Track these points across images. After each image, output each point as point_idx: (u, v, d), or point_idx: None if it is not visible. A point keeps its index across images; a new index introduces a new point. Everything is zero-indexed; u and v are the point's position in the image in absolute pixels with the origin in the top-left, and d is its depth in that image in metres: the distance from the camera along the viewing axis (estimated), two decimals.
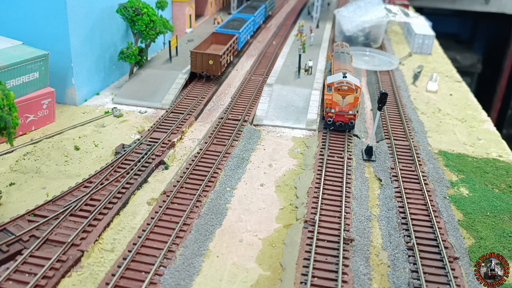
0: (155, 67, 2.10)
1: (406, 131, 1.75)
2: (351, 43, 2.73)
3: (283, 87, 1.97)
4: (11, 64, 1.51)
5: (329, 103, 1.66)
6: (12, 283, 0.95)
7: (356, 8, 2.89)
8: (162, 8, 2.27)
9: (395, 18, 2.87)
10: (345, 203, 1.28)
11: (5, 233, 1.09)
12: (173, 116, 1.77)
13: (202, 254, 1.09)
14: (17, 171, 1.38)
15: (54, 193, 1.27)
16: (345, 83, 1.62)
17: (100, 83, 2.01)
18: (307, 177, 1.42)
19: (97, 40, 1.93)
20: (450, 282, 1.02)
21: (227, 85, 2.17)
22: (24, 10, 1.74)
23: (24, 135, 1.59)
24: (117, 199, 1.26)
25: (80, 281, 1.00)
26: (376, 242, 1.17)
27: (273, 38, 2.91)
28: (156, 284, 0.99)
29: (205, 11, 3.16)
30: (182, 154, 1.55)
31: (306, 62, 2.16)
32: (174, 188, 1.32)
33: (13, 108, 1.13)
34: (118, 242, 1.12)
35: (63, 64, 1.79)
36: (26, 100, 1.58)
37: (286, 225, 1.22)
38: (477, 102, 2.15)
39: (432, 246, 1.13)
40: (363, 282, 1.03)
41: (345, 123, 1.67)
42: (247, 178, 1.43)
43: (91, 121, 1.72)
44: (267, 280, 1.03)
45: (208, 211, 1.24)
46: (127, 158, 1.45)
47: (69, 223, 1.15)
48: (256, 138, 1.66)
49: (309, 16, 3.38)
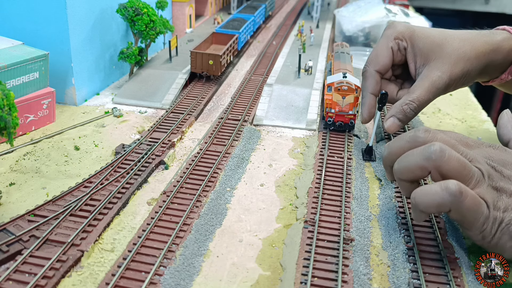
0: (155, 67, 2.10)
1: (406, 131, 1.75)
2: (351, 43, 2.73)
3: (283, 87, 1.98)
4: (11, 64, 1.51)
5: (329, 103, 1.66)
6: (12, 283, 0.95)
7: (356, 8, 2.89)
8: (162, 8, 2.27)
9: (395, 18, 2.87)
10: (345, 203, 1.28)
11: (5, 233, 1.08)
12: (173, 116, 1.77)
13: (202, 254, 1.10)
14: (17, 171, 1.38)
15: (54, 193, 1.27)
16: (345, 83, 1.62)
17: (100, 83, 2.01)
18: (307, 177, 1.42)
19: (97, 40, 1.93)
20: (450, 282, 1.02)
21: (227, 85, 2.17)
22: (24, 10, 1.74)
23: (24, 135, 1.59)
24: (117, 199, 1.26)
25: (80, 281, 1.00)
26: (376, 242, 1.17)
27: (273, 38, 2.91)
28: (156, 284, 0.99)
29: (205, 11, 3.16)
30: (182, 154, 1.55)
31: (306, 62, 2.16)
32: (174, 188, 1.32)
33: (13, 108, 1.13)
34: (118, 242, 1.12)
35: (63, 64, 1.79)
36: (26, 100, 1.58)
37: (286, 225, 1.22)
38: (477, 102, 2.15)
39: (432, 246, 1.13)
40: (363, 282, 1.03)
41: (345, 123, 1.67)
42: (247, 178, 1.43)
43: (91, 121, 1.72)
44: (267, 280, 1.03)
45: (208, 211, 1.24)
46: (127, 158, 1.46)
47: (69, 223, 1.15)
48: (256, 138, 1.66)
49: (309, 16, 3.38)
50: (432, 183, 1.00)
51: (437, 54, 1.37)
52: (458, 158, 0.99)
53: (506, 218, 0.96)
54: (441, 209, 0.97)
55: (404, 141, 1.10)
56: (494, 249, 1.01)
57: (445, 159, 0.98)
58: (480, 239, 1.01)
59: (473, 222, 0.97)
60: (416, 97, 1.40)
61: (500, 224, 0.97)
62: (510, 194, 0.98)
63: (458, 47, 1.37)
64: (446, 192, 0.94)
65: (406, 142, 1.09)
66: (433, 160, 0.99)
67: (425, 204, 0.98)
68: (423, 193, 0.99)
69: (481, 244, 1.03)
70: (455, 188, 0.93)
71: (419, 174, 1.03)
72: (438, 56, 1.37)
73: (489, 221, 0.97)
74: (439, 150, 0.98)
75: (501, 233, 0.97)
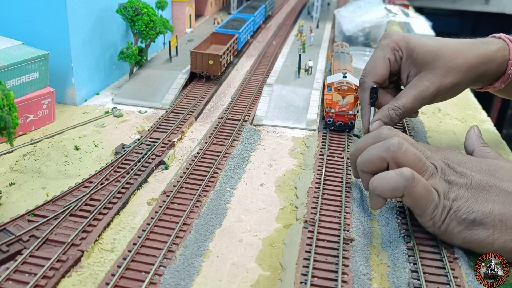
0: (155, 67, 2.10)
1: (406, 131, 1.75)
2: (351, 43, 2.73)
3: (283, 87, 1.98)
4: (11, 64, 1.51)
5: (329, 103, 1.66)
6: (12, 283, 0.95)
7: (356, 8, 2.89)
8: (162, 8, 2.27)
9: (395, 18, 2.87)
10: (345, 203, 1.28)
11: (5, 233, 1.08)
12: (173, 116, 1.77)
13: (202, 254, 1.09)
14: (17, 171, 1.38)
15: (54, 193, 1.27)
16: (345, 83, 1.62)
17: (100, 83, 2.01)
18: (307, 177, 1.42)
19: (97, 40, 1.93)
20: (450, 282, 1.02)
21: (227, 85, 2.17)
22: (24, 10, 1.74)
23: (24, 135, 1.59)
24: (117, 199, 1.26)
25: (80, 281, 1.00)
26: (376, 242, 1.17)
27: (273, 38, 2.91)
28: (156, 284, 0.99)
29: (205, 11, 3.16)
30: (182, 154, 1.55)
31: (306, 62, 2.16)
32: (174, 188, 1.32)
33: (13, 108, 1.13)
34: (118, 242, 1.12)
35: (63, 64, 1.79)
36: (26, 100, 1.58)
37: (286, 225, 1.22)
38: (477, 102, 2.15)
39: (432, 246, 1.13)
40: (363, 282, 1.03)
41: (345, 123, 1.67)
42: (247, 178, 1.43)
43: (91, 121, 1.72)
44: (267, 280, 1.03)
45: (208, 211, 1.24)
46: (127, 158, 1.46)
47: (69, 223, 1.15)
48: (256, 138, 1.66)
49: (309, 16, 3.38)
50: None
51: (429, 65, 1.41)
52: (414, 152, 1.10)
53: (454, 206, 1.07)
54: (395, 193, 1.07)
55: (369, 137, 1.22)
56: (444, 236, 1.10)
57: (402, 151, 1.09)
58: (431, 225, 1.10)
59: (424, 208, 1.07)
60: (402, 104, 1.44)
61: (449, 211, 1.07)
62: (459, 186, 1.09)
63: (451, 59, 1.40)
64: (400, 177, 1.05)
65: (371, 138, 1.21)
66: (391, 151, 1.10)
67: (381, 188, 1.09)
68: (380, 178, 1.10)
69: (432, 230, 1.12)
70: (409, 174, 1.04)
71: (379, 164, 1.13)
72: (431, 67, 1.41)
73: (439, 208, 1.07)
74: (397, 143, 1.10)
75: (449, 219, 1.07)
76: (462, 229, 1.06)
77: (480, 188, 1.08)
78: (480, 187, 1.08)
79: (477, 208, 1.05)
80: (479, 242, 1.05)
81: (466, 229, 1.06)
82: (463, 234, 1.07)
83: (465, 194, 1.08)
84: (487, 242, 1.04)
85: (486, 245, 1.05)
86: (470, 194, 1.07)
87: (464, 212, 1.05)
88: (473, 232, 1.05)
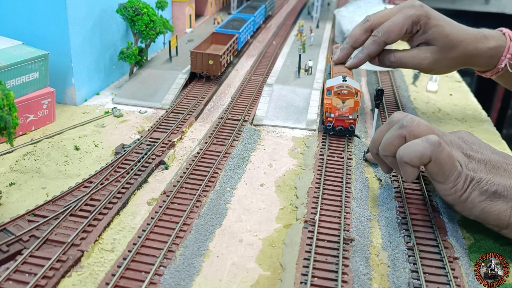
0: (155, 67, 2.10)
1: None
2: None
3: (283, 87, 1.98)
4: (11, 64, 1.51)
5: (328, 108, 1.63)
6: (12, 283, 0.95)
7: (356, 8, 2.89)
8: (162, 8, 2.27)
9: None
10: (345, 203, 1.28)
11: (5, 233, 1.08)
12: (173, 116, 1.77)
13: (202, 254, 1.10)
14: (17, 171, 1.38)
15: (54, 193, 1.27)
16: (345, 87, 1.59)
17: (100, 83, 2.01)
18: (307, 177, 1.42)
19: (97, 40, 1.93)
20: (450, 282, 1.02)
21: (227, 85, 2.17)
22: (24, 10, 1.74)
23: (24, 135, 1.59)
24: (117, 199, 1.26)
25: (80, 281, 1.00)
26: (376, 242, 1.17)
27: (273, 38, 2.91)
28: (156, 284, 0.99)
29: (205, 11, 3.16)
30: (182, 154, 1.55)
31: (306, 62, 2.16)
32: (174, 188, 1.32)
33: (13, 108, 1.13)
34: (118, 242, 1.12)
35: (63, 64, 1.79)
36: (26, 100, 1.58)
37: (286, 225, 1.22)
38: (477, 102, 2.15)
39: (432, 246, 1.13)
40: (363, 282, 1.03)
41: (345, 128, 1.65)
42: (247, 178, 1.43)
43: (91, 121, 1.72)
44: (267, 280, 1.03)
45: (208, 211, 1.24)
46: (127, 158, 1.46)
47: (69, 223, 1.15)
48: (256, 138, 1.66)
49: (309, 16, 3.38)
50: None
51: (437, 43, 1.62)
52: (427, 124, 1.16)
53: (477, 176, 1.11)
54: (422, 159, 1.09)
55: (382, 128, 1.26)
56: (462, 205, 1.13)
57: (415, 123, 1.15)
58: (453, 192, 1.12)
59: (448, 174, 1.10)
60: (398, 55, 1.66)
61: (472, 181, 1.11)
62: (478, 160, 1.15)
63: (453, 46, 1.62)
64: (427, 142, 1.08)
65: (384, 127, 1.26)
66: (405, 127, 1.15)
67: (409, 156, 1.11)
68: (407, 146, 1.12)
69: (452, 199, 1.13)
70: (435, 139, 1.08)
71: (398, 143, 1.17)
72: (437, 45, 1.62)
73: (462, 177, 1.10)
74: (409, 118, 1.17)
75: (472, 189, 1.10)
76: (483, 199, 1.09)
77: (496, 166, 1.14)
78: (497, 165, 1.14)
79: (498, 181, 1.09)
80: (497, 214, 1.09)
81: (487, 199, 1.09)
82: (484, 204, 1.09)
83: (484, 168, 1.13)
84: (504, 214, 1.08)
85: (503, 217, 1.09)
86: (488, 169, 1.13)
87: (487, 183, 1.09)
88: (493, 203, 1.09)
